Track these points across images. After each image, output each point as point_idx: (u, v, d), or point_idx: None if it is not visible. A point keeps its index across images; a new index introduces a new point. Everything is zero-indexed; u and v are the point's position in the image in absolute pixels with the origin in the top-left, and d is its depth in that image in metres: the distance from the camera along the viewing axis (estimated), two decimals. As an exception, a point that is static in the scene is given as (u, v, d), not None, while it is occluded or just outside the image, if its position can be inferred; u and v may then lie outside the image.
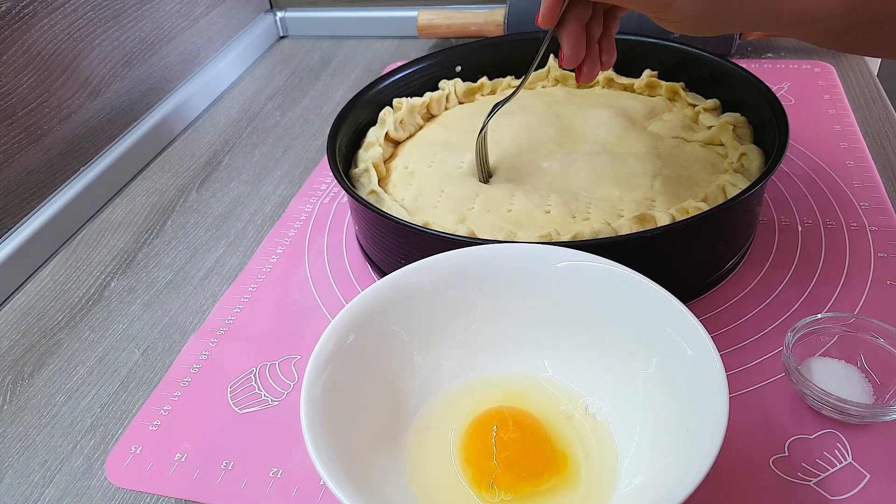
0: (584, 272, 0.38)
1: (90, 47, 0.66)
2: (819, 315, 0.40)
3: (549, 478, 0.34)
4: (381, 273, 0.50)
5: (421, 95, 0.61)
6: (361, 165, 0.54)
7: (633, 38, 0.62)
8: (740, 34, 0.72)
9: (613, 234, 0.44)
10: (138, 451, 0.42)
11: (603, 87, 0.62)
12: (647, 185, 0.49)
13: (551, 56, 0.63)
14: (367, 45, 0.90)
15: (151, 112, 0.74)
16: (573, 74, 0.63)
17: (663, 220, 0.44)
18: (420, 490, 0.34)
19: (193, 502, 0.39)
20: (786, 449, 0.37)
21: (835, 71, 0.69)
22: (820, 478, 0.36)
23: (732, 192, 0.47)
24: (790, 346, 0.39)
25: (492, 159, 0.54)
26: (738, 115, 0.53)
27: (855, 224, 0.51)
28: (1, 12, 0.56)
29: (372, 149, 0.56)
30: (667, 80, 0.60)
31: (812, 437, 0.38)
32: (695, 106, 0.57)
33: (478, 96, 0.63)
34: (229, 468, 0.40)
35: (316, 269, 0.54)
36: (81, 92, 0.65)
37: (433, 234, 0.43)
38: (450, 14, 0.82)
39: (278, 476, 0.39)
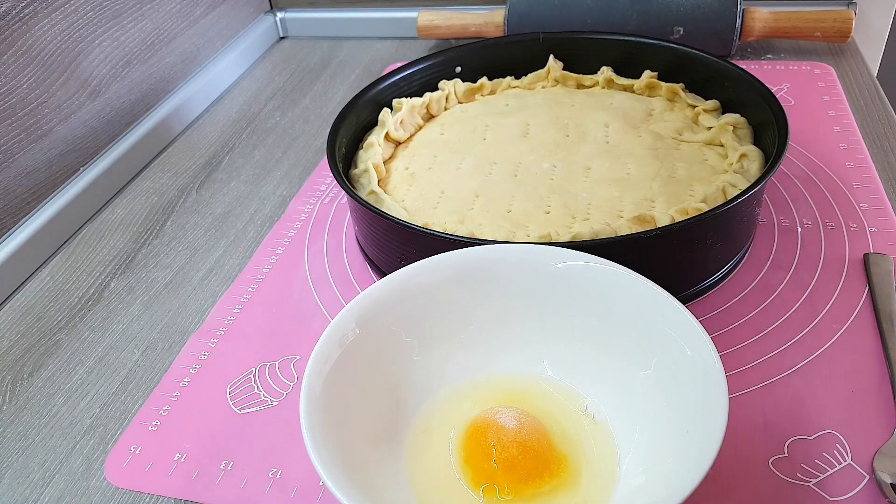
0: (584, 272, 0.38)
1: (90, 47, 0.66)
2: None
3: (548, 479, 0.34)
4: (381, 273, 0.50)
5: (421, 96, 0.61)
6: (361, 166, 0.54)
7: (633, 39, 0.62)
8: (740, 35, 0.72)
9: (613, 235, 0.44)
10: (138, 452, 0.42)
11: (603, 88, 0.62)
12: (647, 186, 0.49)
13: (551, 56, 0.63)
14: (367, 45, 0.90)
15: (151, 112, 0.74)
16: (573, 75, 0.63)
17: (663, 220, 0.44)
18: (419, 490, 0.34)
19: (193, 502, 0.39)
20: (785, 450, 0.37)
21: (834, 72, 0.69)
22: (819, 478, 0.36)
23: (732, 193, 0.47)
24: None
25: (492, 160, 0.54)
26: (737, 116, 0.53)
27: (854, 225, 0.51)
28: (1, 12, 0.56)
29: (372, 149, 0.56)
30: (666, 81, 0.60)
31: (811, 437, 0.38)
32: (694, 107, 0.57)
33: (477, 97, 0.63)
34: (229, 468, 0.40)
35: (315, 269, 0.54)
36: (81, 92, 0.65)
37: (433, 234, 0.43)
38: (450, 15, 0.82)
39: (278, 476, 0.39)
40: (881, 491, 0.35)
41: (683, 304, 0.35)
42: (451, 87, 0.62)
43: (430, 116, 0.62)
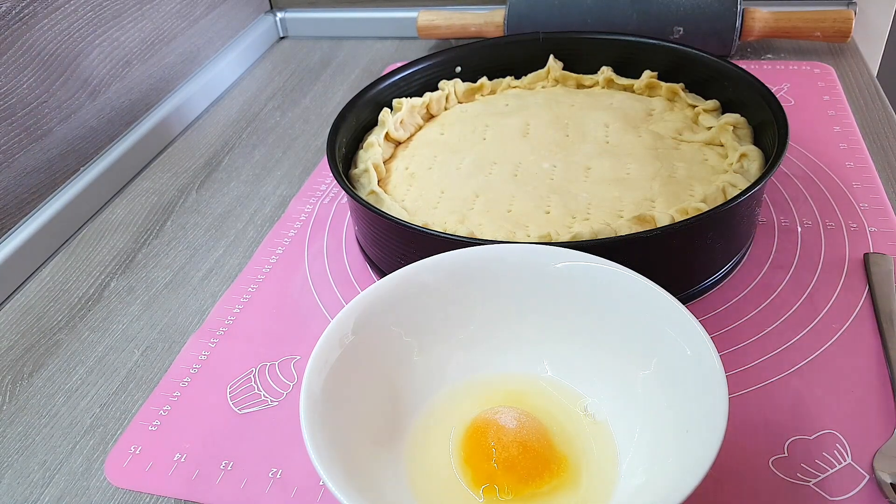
0: (583, 272, 0.38)
1: (90, 47, 0.66)
2: None
3: (548, 479, 0.34)
4: (381, 273, 0.50)
5: (421, 96, 0.61)
6: (361, 166, 0.54)
7: (633, 39, 0.62)
8: (739, 35, 0.72)
9: (613, 235, 0.44)
10: (138, 452, 0.42)
11: (603, 88, 0.62)
12: (647, 186, 0.49)
13: (551, 56, 0.63)
14: (367, 45, 0.90)
15: (151, 112, 0.74)
16: (573, 75, 0.63)
17: (663, 220, 0.44)
18: (419, 490, 0.34)
19: (193, 502, 0.39)
20: (785, 449, 0.37)
21: (834, 72, 0.69)
22: (819, 478, 0.36)
23: (732, 193, 0.47)
24: None
25: (492, 160, 0.54)
26: (737, 115, 0.53)
27: (854, 225, 0.51)
28: (1, 12, 0.56)
29: (372, 149, 0.56)
30: (667, 81, 0.60)
31: (811, 437, 0.38)
32: (694, 107, 0.57)
33: (477, 97, 0.63)
34: (229, 468, 0.40)
35: (315, 269, 0.54)
36: (81, 92, 0.65)
37: (433, 234, 0.43)
38: (450, 15, 0.82)
39: (278, 476, 0.39)
40: (881, 491, 0.35)
41: (683, 304, 0.35)
42: (451, 87, 0.62)
43: (430, 116, 0.62)
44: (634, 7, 0.73)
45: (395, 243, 0.47)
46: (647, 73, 0.60)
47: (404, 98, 0.60)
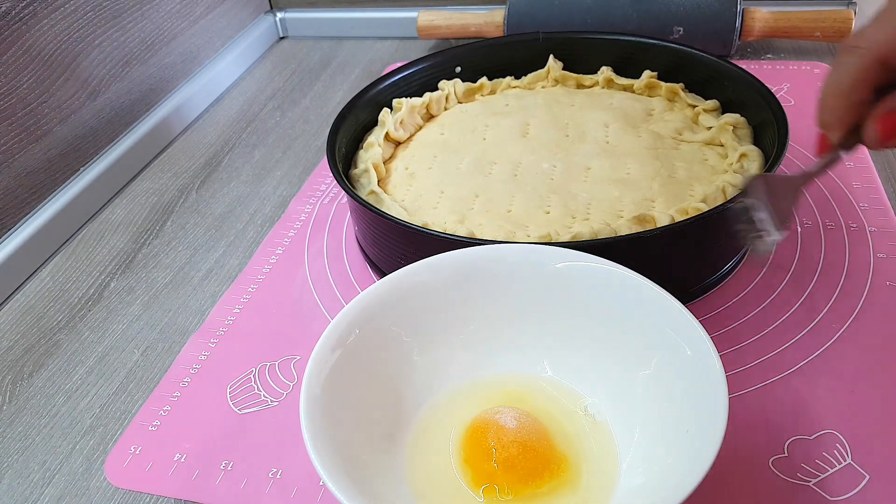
0: (583, 272, 0.38)
1: (90, 47, 0.66)
2: None
3: (548, 479, 0.34)
4: (381, 273, 0.50)
5: (421, 96, 0.61)
6: (361, 166, 0.54)
7: (632, 38, 0.62)
8: (739, 35, 0.72)
9: (613, 235, 0.44)
10: (137, 452, 0.42)
11: (603, 88, 0.62)
12: (647, 186, 0.49)
13: (551, 56, 0.63)
14: (367, 45, 0.90)
15: (151, 112, 0.74)
16: (573, 75, 0.63)
17: (663, 220, 0.44)
18: (419, 490, 0.34)
19: (193, 502, 0.39)
20: (785, 449, 0.37)
21: (834, 72, 0.69)
22: (819, 478, 0.36)
23: (732, 193, 0.47)
24: None
25: (492, 160, 0.54)
26: (737, 115, 0.53)
27: (854, 225, 0.51)
28: (1, 12, 0.56)
29: (372, 149, 0.56)
30: (666, 81, 0.60)
31: (811, 437, 0.38)
32: (694, 107, 0.57)
33: (477, 97, 0.63)
34: (229, 468, 0.40)
35: (315, 269, 0.54)
36: (81, 92, 0.65)
37: (433, 234, 0.43)
38: (450, 15, 0.82)
39: (278, 476, 0.39)
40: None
41: (683, 304, 0.35)
42: (451, 87, 0.62)
43: (429, 116, 0.62)
44: (634, 7, 0.73)
45: (395, 243, 0.47)
46: (646, 73, 0.60)
47: (404, 98, 0.60)
